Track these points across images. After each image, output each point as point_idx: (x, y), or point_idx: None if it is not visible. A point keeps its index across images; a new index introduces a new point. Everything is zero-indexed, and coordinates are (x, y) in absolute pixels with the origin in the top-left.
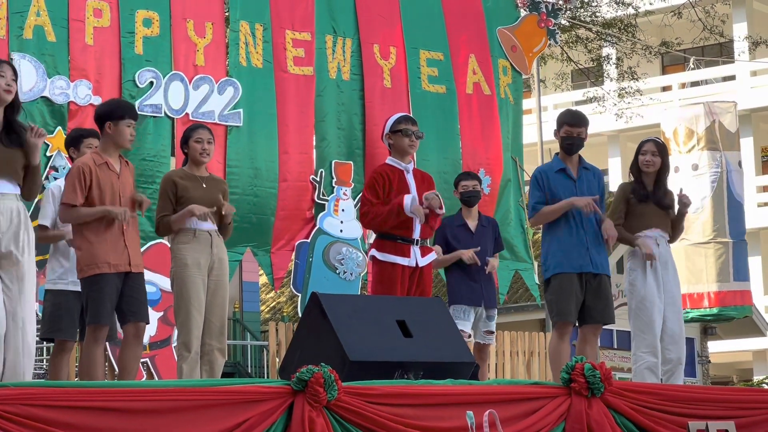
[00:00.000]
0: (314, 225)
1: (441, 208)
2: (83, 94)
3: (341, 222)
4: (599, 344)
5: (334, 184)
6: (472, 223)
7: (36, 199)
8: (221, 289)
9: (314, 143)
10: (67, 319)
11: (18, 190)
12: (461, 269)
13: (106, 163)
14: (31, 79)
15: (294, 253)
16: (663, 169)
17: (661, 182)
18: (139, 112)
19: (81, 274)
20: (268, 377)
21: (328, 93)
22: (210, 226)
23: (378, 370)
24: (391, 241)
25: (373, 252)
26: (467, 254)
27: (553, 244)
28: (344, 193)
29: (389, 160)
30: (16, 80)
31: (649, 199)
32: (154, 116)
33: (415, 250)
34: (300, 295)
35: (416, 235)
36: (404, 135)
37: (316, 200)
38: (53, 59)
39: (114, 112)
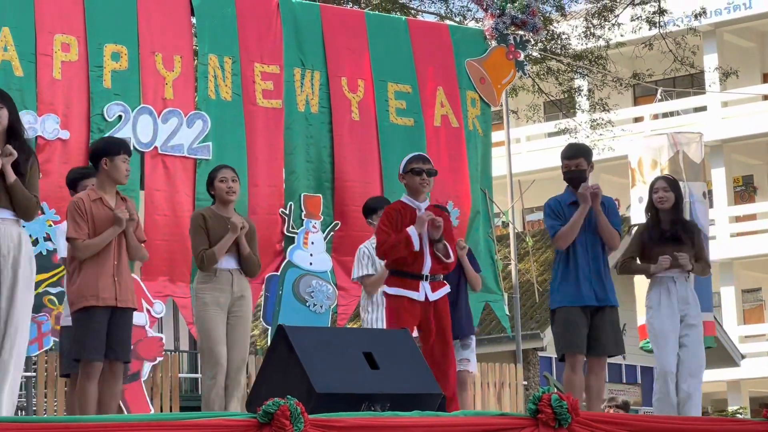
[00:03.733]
0: (284, 258)
1: (447, 256)
2: (51, 128)
3: (311, 255)
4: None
5: (303, 217)
6: None
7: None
8: (247, 321)
9: (283, 176)
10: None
11: (12, 215)
12: None
13: (100, 198)
14: None
15: (264, 286)
16: (677, 204)
17: (678, 218)
18: None
19: (72, 308)
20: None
21: (296, 126)
22: (232, 265)
23: (345, 402)
24: (400, 277)
25: (384, 288)
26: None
27: (559, 277)
28: (314, 226)
29: (404, 198)
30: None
31: (664, 239)
32: None
33: (425, 285)
34: (270, 327)
35: (426, 270)
36: (415, 174)
37: (286, 233)
38: (21, 94)
39: (110, 149)
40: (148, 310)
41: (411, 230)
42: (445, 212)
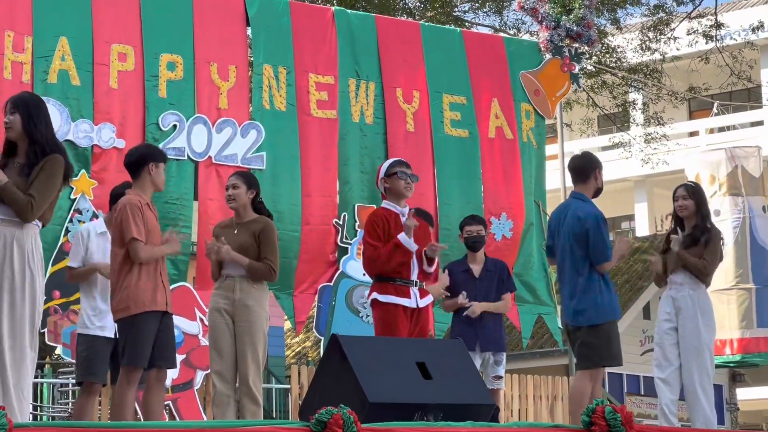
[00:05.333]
0: (337, 268)
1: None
2: (107, 137)
3: None
4: (626, 390)
5: (357, 228)
6: (476, 268)
7: (60, 241)
8: (245, 336)
9: (337, 187)
10: (99, 363)
11: (9, 215)
12: (458, 314)
13: (147, 204)
14: (55, 122)
15: (317, 297)
16: (699, 210)
17: (698, 224)
18: None
19: (125, 312)
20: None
21: (351, 136)
22: (238, 271)
23: (397, 412)
24: (391, 283)
25: (375, 295)
26: (463, 301)
27: (604, 290)
28: None
29: (385, 204)
30: (13, 113)
31: (683, 244)
32: (177, 159)
33: (414, 291)
34: (323, 338)
35: (414, 276)
36: (400, 178)
37: (339, 244)
38: (78, 103)
39: (157, 155)
40: (201, 319)
41: (402, 236)
42: (428, 216)
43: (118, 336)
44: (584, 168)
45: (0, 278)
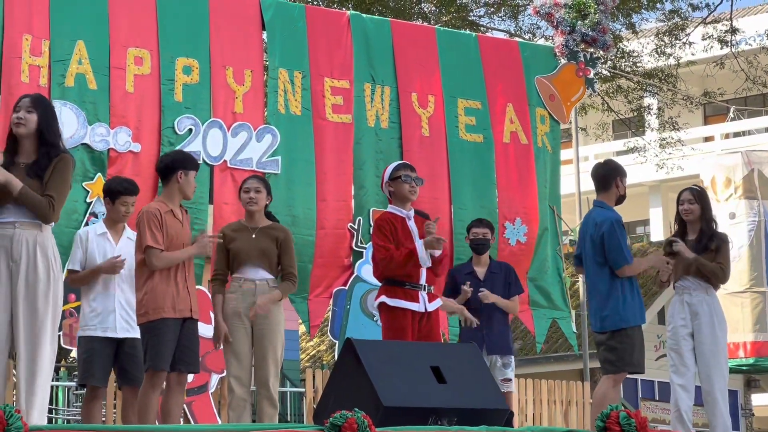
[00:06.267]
0: (352, 272)
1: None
2: (123, 141)
3: None
4: (641, 395)
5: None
6: (480, 271)
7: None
8: (265, 339)
9: (352, 191)
10: (97, 365)
11: (30, 218)
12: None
13: (171, 211)
14: (71, 126)
15: (331, 301)
16: (704, 214)
17: (704, 228)
18: None
19: (144, 318)
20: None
21: (366, 141)
22: (259, 275)
23: (412, 416)
24: (400, 287)
25: (383, 299)
26: (467, 291)
27: (628, 294)
28: None
29: (390, 208)
30: (30, 112)
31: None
32: None
33: (423, 295)
34: (337, 342)
35: (423, 280)
36: (404, 181)
37: (354, 248)
38: (94, 107)
39: (188, 163)
40: None
41: (420, 249)
42: (428, 219)
43: (121, 338)
44: (605, 176)
45: (26, 283)
